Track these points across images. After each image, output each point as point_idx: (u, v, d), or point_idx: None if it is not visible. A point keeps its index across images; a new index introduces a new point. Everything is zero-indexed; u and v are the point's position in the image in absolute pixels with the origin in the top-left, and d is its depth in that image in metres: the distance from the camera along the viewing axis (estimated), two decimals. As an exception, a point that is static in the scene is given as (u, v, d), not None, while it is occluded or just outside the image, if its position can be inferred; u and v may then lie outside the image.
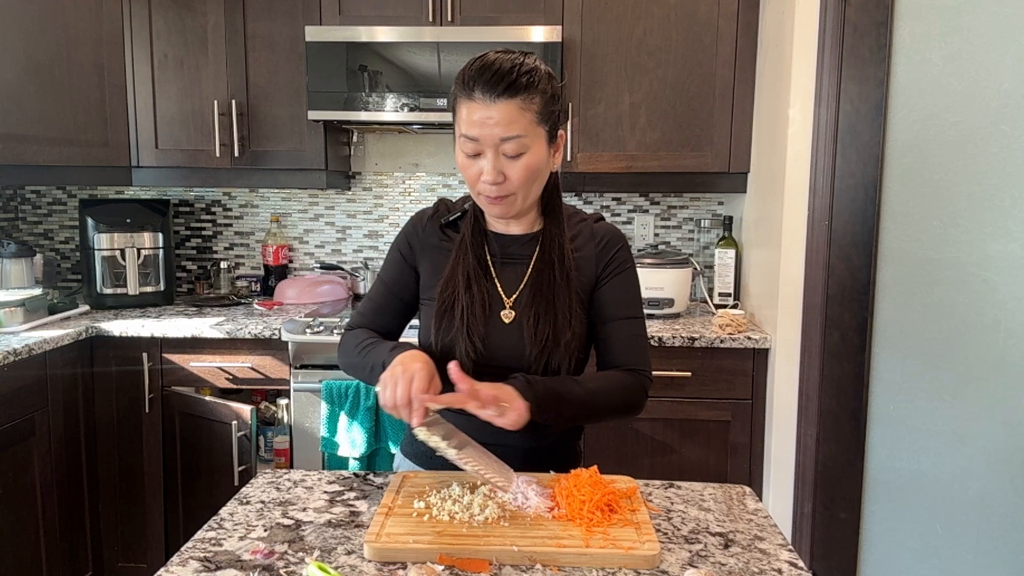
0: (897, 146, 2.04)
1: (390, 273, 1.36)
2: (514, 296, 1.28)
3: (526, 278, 1.28)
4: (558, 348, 1.24)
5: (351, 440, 2.17)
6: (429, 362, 1.12)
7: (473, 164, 1.18)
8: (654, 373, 2.25)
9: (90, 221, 2.60)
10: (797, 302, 2.18)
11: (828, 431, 2.15)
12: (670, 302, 2.46)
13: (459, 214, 1.32)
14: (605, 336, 1.30)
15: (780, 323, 2.20)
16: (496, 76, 1.12)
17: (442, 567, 0.95)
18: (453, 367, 1.08)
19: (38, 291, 2.45)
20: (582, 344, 1.29)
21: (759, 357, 2.26)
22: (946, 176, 2.00)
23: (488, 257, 1.29)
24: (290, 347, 2.30)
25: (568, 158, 2.50)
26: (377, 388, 1.12)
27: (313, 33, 2.42)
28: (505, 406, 1.08)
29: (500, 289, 1.28)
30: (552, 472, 1.23)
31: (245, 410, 2.28)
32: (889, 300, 2.09)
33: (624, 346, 1.29)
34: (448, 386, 1.11)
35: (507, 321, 1.26)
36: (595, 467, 1.13)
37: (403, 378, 1.07)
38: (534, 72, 1.15)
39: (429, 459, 1.25)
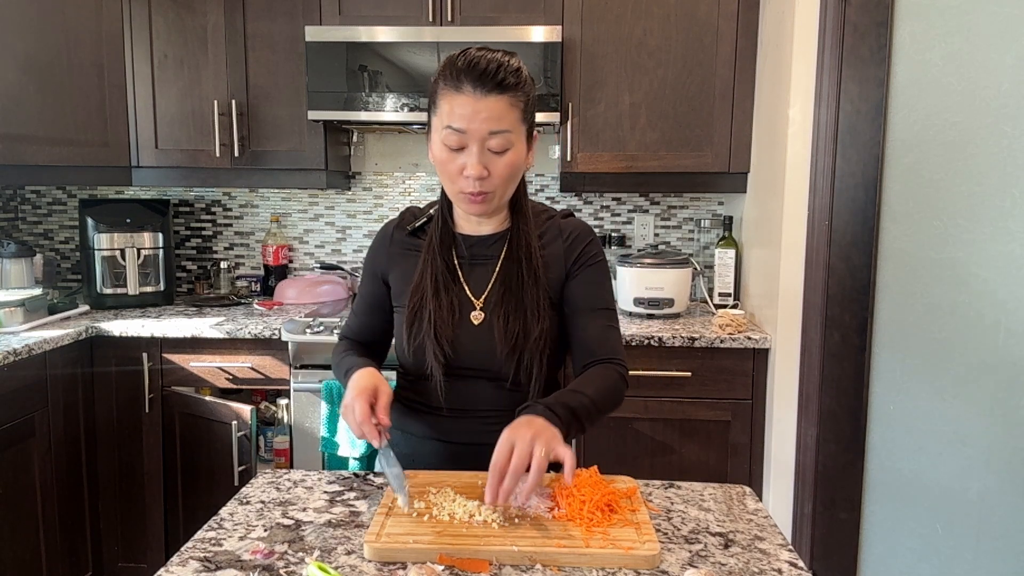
0: (897, 146, 2.04)
1: (367, 287, 1.39)
2: (483, 296, 1.28)
3: (494, 277, 1.29)
4: (528, 345, 1.24)
5: (351, 440, 2.17)
6: (367, 382, 1.18)
7: (455, 159, 1.18)
8: (653, 373, 2.29)
9: (90, 221, 2.60)
10: (797, 302, 2.18)
11: (828, 431, 2.15)
12: (670, 302, 2.46)
13: (425, 219, 1.33)
14: (579, 329, 1.30)
15: (780, 323, 2.20)
16: (487, 71, 1.14)
17: (442, 567, 0.95)
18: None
19: (38, 291, 2.45)
20: (553, 341, 1.29)
21: (759, 357, 2.26)
22: (946, 176, 2.00)
23: (456, 260, 1.30)
24: (290, 347, 2.30)
25: (568, 158, 2.50)
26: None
27: (313, 33, 2.41)
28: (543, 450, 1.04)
29: (469, 291, 1.29)
30: (552, 472, 1.23)
31: (245, 410, 2.28)
32: (889, 300, 2.09)
33: (598, 338, 1.29)
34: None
35: (477, 323, 1.27)
36: (595, 467, 1.13)
37: (349, 414, 1.16)
38: (520, 71, 1.18)
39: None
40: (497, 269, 1.29)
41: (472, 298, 1.28)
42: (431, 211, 1.33)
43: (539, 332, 1.24)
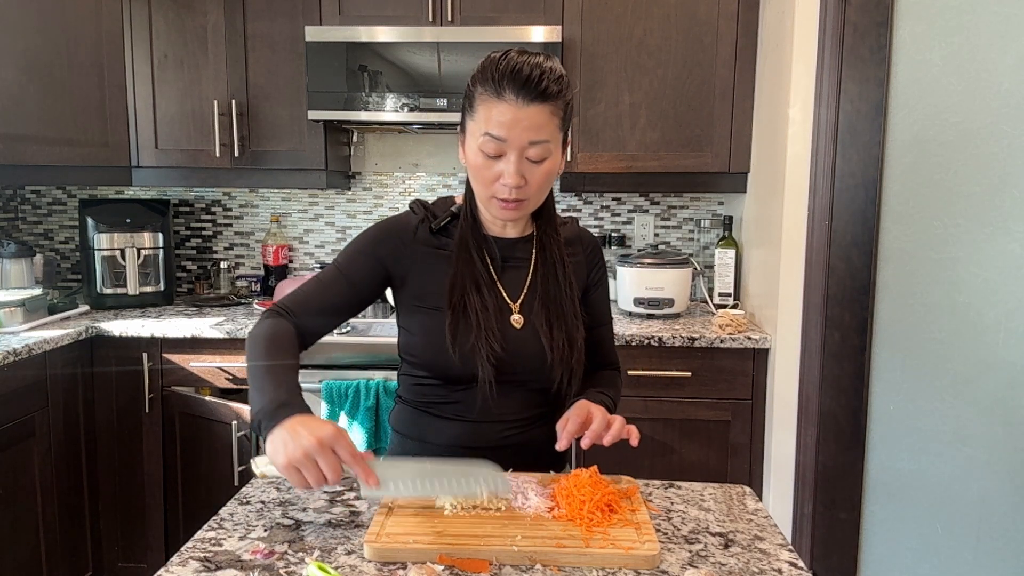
0: (897, 146, 2.04)
1: (353, 265, 1.27)
2: (519, 300, 1.27)
3: (528, 282, 1.28)
4: (573, 352, 1.25)
5: (351, 440, 2.17)
6: (326, 422, 1.02)
7: (491, 165, 1.15)
8: (653, 373, 2.29)
9: (90, 221, 2.60)
10: (797, 302, 2.18)
11: (828, 431, 2.15)
12: (670, 302, 2.46)
13: (448, 218, 1.28)
14: (595, 340, 1.37)
15: (780, 323, 2.20)
16: (531, 80, 1.10)
17: (442, 567, 0.95)
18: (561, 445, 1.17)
19: (38, 291, 2.45)
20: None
21: (759, 357, 2.26)
22: (946, 176, 2.00)
23: (488, 261, 1.27)
24: (290, 347, 2.30)
25: (568, 158, 2.50)
26: (265, 467, 1.04)
27: (313, 33, 2.41)
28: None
29: (505, 294, 1.27)
30: (552, 472, 1.23)
31: (245, 410, 2.28)
32: (889, 300, 2.09)
33: (608, 348, 1.42)
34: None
35: (518, 327, 1.25)
36: (595, 467, 1.13)
37: (323, 454, 0.97)
38: (562, 79, 1.15)
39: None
40: (530, 273, 1.28)
41: (508, 300, 1.27)
42: (452, 209, 1.29)
43: (581, 340, 1.26)
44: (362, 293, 1.28)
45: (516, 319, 1.25)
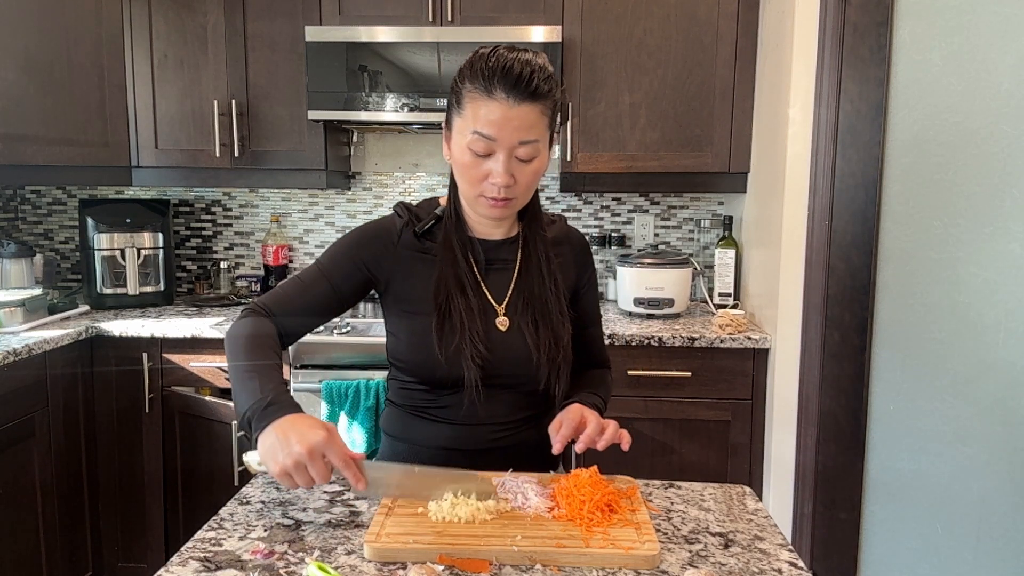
0: (897, 146, 2.04)
1: (335, 267, 1.26)
2: (504, 302, 1.26)
3: (513, 283, 1.27)
4: (559, 351, 1.24)
5: (351, 440, 2.17)
6: (318, 422, 1.04)
7: (480, 164, 1.14)
8: (653, 373, 2.29)
9: (90, 221, 2.60)
10: (797, 302, 2.18)
11: (828, 431, 2.15)
12: (670, 302, 2.46)
13: (433, 221, 1.27)
14: (586, 340, 1.38)
15: (780, 323, 2.20)
16: (521, 78, 1.09)
17: (442, 567, 0.95)
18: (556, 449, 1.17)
19: (38, 291, 2.45)
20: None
21: (759, 357, 2.26)
22: (946, 176, 2.00)
23: (473, 263, 1.25)
24: (290, 347, 2.30)
25: (568, 158, 2.50)
26: (256, 465, 1.07)
27: (313, 33, 2.42)
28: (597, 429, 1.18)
29: (490, 296, 1.26)
30: (552, 472, 1.23)
31: (245, 410, 2.27)
32: (889, 300, 2.09)
33: (599, 347, 1.43)
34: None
35: (503, 329, 1.24)
36: (595, 467, 1.13)
37: (313, 462, 1.00)
38: (551, 77, 1.14)
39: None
40: (515, 275, 1.27)
41: (493, 302, 1.25)
42: (436, 212, 1.27)
43: (567, 340, 1.25)
44: (343, 295, 1.27)
45: (501, 321, 1.24)
